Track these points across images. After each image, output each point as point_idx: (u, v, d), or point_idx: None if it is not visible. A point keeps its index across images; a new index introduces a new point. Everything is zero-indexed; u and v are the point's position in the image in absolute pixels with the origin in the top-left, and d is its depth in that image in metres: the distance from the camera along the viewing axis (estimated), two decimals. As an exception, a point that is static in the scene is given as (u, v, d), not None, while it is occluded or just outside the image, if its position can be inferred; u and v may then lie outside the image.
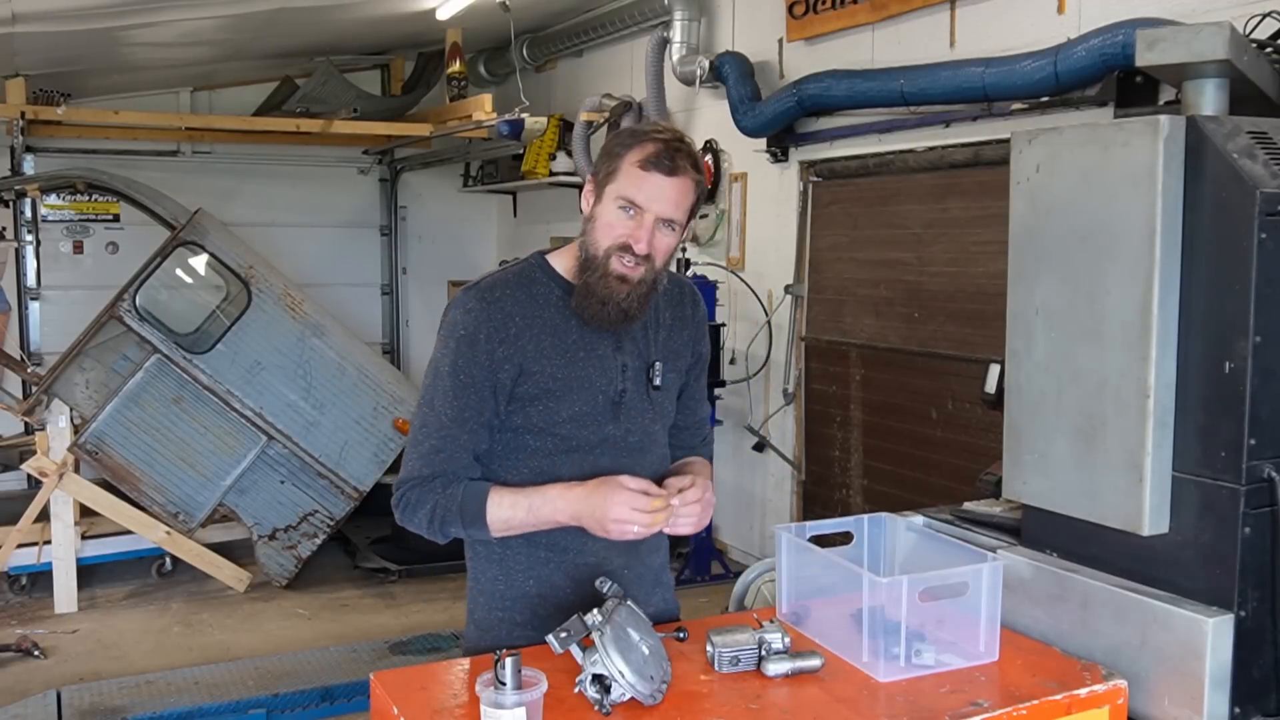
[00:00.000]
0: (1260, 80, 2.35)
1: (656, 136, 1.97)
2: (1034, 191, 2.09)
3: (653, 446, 2.12)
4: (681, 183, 1.96)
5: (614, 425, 2.04)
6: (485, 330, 1.98)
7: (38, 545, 5.72)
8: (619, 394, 2.05)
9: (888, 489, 5.18)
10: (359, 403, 5.97)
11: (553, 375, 2.00)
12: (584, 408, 2.02)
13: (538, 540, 2.05)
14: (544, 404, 2.01)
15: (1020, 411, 2.15)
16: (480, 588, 2.12)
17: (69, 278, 7.74)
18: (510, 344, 1.98)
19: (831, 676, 1.87)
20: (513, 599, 2.08)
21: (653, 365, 2.09)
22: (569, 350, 2.02)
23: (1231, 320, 1.83)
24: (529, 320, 2.00)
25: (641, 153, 1.94)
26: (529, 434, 2.02)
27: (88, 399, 5.70)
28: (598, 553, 2.07)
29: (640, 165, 1.94)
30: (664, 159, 1.93)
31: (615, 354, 2.05)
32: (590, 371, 2.03)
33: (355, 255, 8.78)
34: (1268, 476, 1.84)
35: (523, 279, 2.05)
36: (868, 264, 5.26)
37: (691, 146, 2.01)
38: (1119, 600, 1.96)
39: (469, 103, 6.80)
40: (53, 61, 6.45)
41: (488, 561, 2.10)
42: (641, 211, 1.94)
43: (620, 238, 1.95)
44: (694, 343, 2.20)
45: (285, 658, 4.84)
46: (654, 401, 2.10)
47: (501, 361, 1.98)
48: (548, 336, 2.01)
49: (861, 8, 5.00)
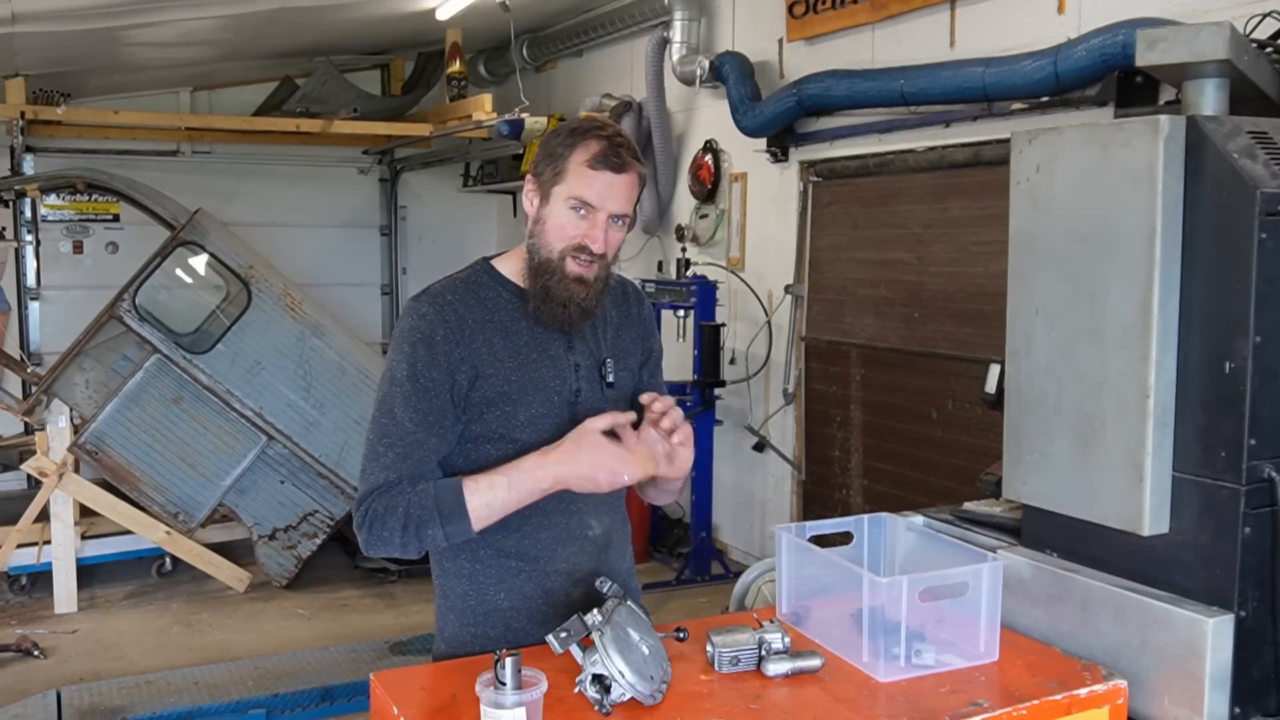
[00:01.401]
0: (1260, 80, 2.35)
1: (599, 134, 1.95)
2: (1034, 191, 2.09)
3: None
4: (629, 178, 1.96)
5: (571, 426, 1.98)
6: (441, 332, 1.95)
7: (38, 545, 5.72)
8: (574, 394, 2.04)
9: (888, 489, 5.18)
10: (359, 403, 5.97)
11: (507, 378, 1.98)
12: (540, 409, 2.00)
13: (507, 550, 2.02)
14: (500, 408, 1.98)
15: (1020, 411, 2.15)
16: (450, 604, 2.08)
17: (69, 278, 7.74)
18: (465, 345, 1.96)
19: (831, 676, 1.87)
20: (484, 613, 2.04)
21: (604, 363, 2.08)
22: (521, 352, 2.00)
23: (1231, 320, 1.83)
24: (481, 324, 1.99)
25: (587, 152, 1.93)
26: (488, 443, 1.99)
27: (88, 399, 5.70)
28: (569, 559, 2.06)
29: (589, 165, 1.92)
30: (610, 156, 1.93)
31: (567, 354, 2.04)
32: (544, 373, 2.01)
33: (355, 255, 8.78)
34: (1268, 476, 1.84)
35: (471, 284, 2.04)
36: (868, 264, 5.26)
37: (627, 139, 2.01)
38: (1119, 600, 1.96)
39: (469, 103, 6.80)
40: (53, 61, 6.45)
41: (456, 577, 2.06)
42: (594, 210, 1.94)
43: (574, 238, 1.95)
44: (643, 340, 2.19)
45: (285, 658, 4.84)
46: (609, 400, 2.07)
47: (459, 363, 1.95)
48: (500, 339, 1.99)
49: (861, 8, 5.00)
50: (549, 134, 2.03)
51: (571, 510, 2.04)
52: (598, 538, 2.10)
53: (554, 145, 1.97)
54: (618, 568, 2.15)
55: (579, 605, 1.96)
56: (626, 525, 2.21)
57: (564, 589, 2.03)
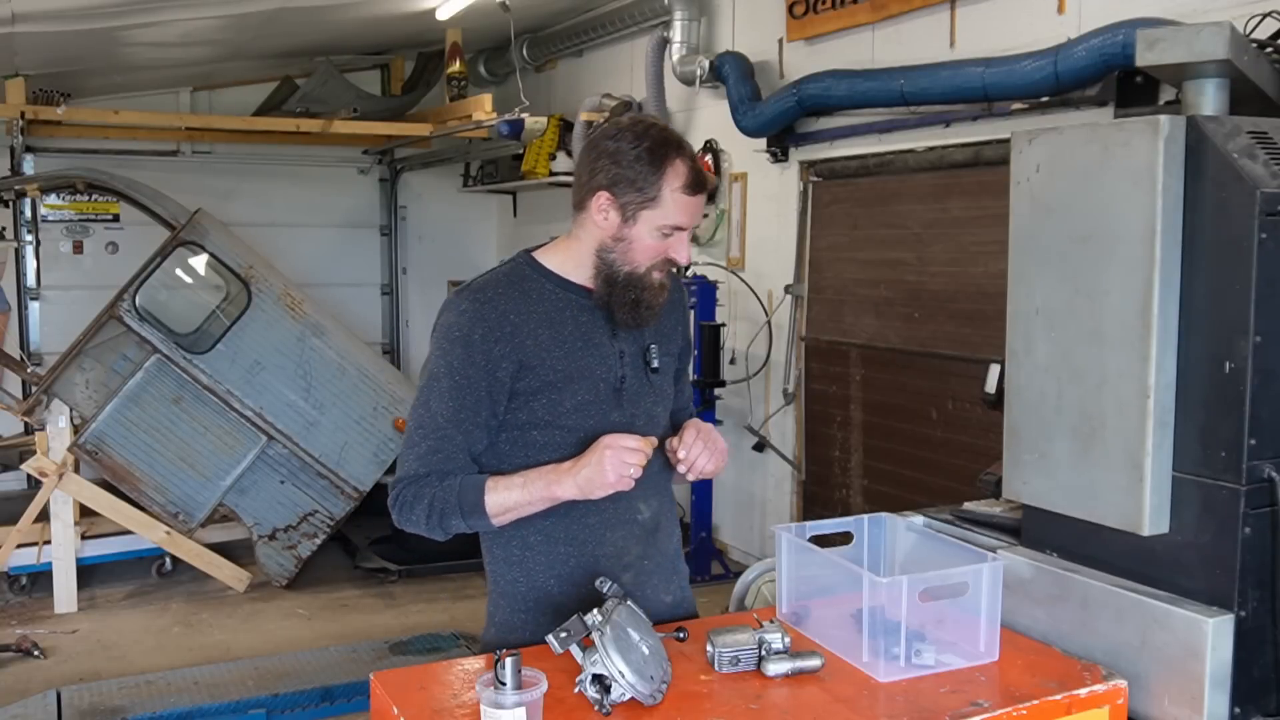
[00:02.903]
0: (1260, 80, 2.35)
1: (680, 154, 2.00)
2: (1034, 191, 2.09)
3: (656, 429, 2.14)
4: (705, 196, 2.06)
5: (618, 412, 2.07)
6: (480, 330, 1.99)
7: (38, 545, 5.72)
8: (619, 380, 2.08)
9: (888, 489, 5.18)
10: (359, 403, 5.97)
11: (553, 367, 2.02)
12: (587, 396, 2.05)
13: (556, 535, 2.07)
14: (547, 396, 2.03)
15: (1020, 411, 2.15)
16: (500, 590, 2.13)
17: (69, 278, 7.74)
18: (506, 341, 2.00)
19: (831, 676, 1.87)
20: (535, 600, 2.08)
21: (648, 348, 2.13)
22: (567, 342, 2.05)
23: (1231, 320, 1.83)
24: (524, 316, 2.02)
25: (678, 178, 1.99)
26: (535, 429, 2.04)
27: (88, 399, 5.70)
28: (615, 543, 2.11)
29: (683, 191, 1.99)
30: (697, 179, 2.01)
31: (612, 342, 2.08)
32: (590, 361, 2.06)
33: (355, 255, 8.78)
34: (1268, 476, 1.84)
35: (514, 277, 2.08)
36: (868, 264, 5.26)
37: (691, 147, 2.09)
38: (1119, 600, 1.96)
39: (469, 103, 6.80)
40: (53, 61, 6.45)
41: (507, 564, 2.11)
42: (683, 230, 2.02)
43: (661, 255, 2.03)
44: (682, 325, 2.27)
45: (285, 658, 4.84)
46: (653, 385, 2.14)
47: (499, 359, 1.99)
48: (545, 330, 2.03)
49: (861, 8, 5.00)
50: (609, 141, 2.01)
51: (619, 494, 2.05)
52: (646, 521, 2.15)
53: (637, 168, 1.98)
54: (666, 550, 2.21)
55: (628, 588, 2.04)
56: (674, 508, 2.27)
57: (613, 572, 2.06)
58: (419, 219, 9.02)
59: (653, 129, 2.03)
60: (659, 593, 2.18)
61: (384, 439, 5.98)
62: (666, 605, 2.17)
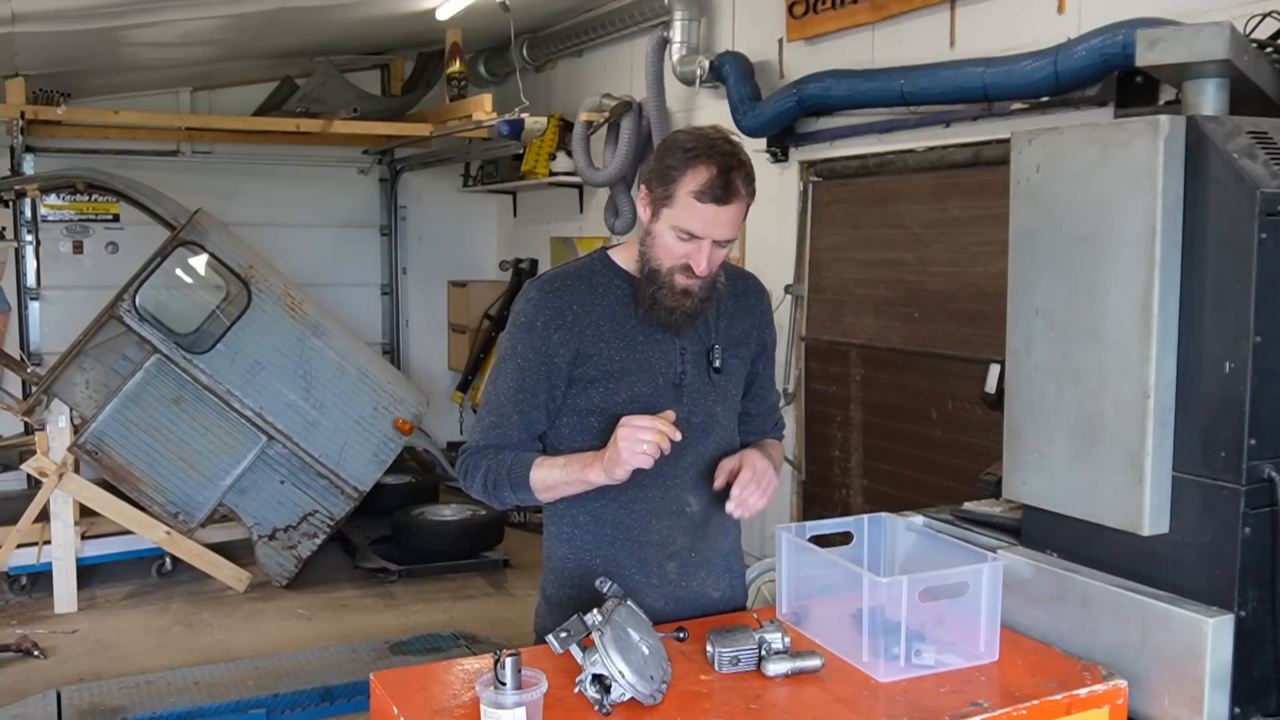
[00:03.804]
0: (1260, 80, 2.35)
1: (710, 159, 1.97)
2: (1034, 191, 2.09)
3: (715, 428, 2.18)
4: (735, 209, 2.00)
5: (677, 407, 2.09)
6: (543, 317, 2.09)
7: (38, 545, 5.72)
8: (679, 376, 2.13)
9: (888, 489, 5.18)
10: (359, 403, 5.97)
11: (610, 358, 2.09)
12: (644, 389, 2.10)
13: (604, 518, 2.14)
14: (603, 385, 2.10)
15: (1020, 411, 2.15)
16: (551, 566, 2.23)
17: (69, 278, 7.73)
18: (566, 329, 2.08)
19: (831, 676, 1.87)
20: (580, 577, 2.16)
21: (712, 349, 2.16)
22: (628, 334, 2.11)
23: (1231, 320, 1.83)
24: (587, 308, 2.11)
25: (696, 181, 1.97)
26: (592, 415, 2.11)
27: (88, 399, 5.70)
28: (662, 531, 2.15)
29: (695, 197, 1.97)
30: (718, 188, 1.96)
31: (674, 338, 2.13)
32: (649, 355, 2.11)
33: (355, 255, 8.78)
34: (1268, 476, 1.84)
35: (584, 271, 2.17)
36: (868, 264, 5.25)
37: (745, 159, 2.02)
38: (1119, 600, 1.96)
39: (469, 103, 6.79)
40: (53, 61, 6.45)
41: (558, 540, 2.21)
42: (699, 239, 2.01)
43: (680, 258, 2.03)
44: (759, 330, 2.27)
45: (285, 658, 4.83)
46: (715, 384, 2.17)
47: (557, 346, 2.08)
48: (607, 322, 2.10)
49: (861, 8, 5.00)
50: (668, 140, 2.06)
51: (668, 485, 2.13)
52: (695, 515, 2.17)
53: (669, 161, 2.01)
54: (718, 545, 2.24)
55: (672, 578, 2.12)
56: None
57: (657, 560, 2.13)
58: (419, 219, 9.02)
59: (706, 136, 2.02)
60: (707, 587, 2.20)
61: (384, 439, 5.98)
62: (714, 600, 2.21)
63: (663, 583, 2.13)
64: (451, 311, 8.89)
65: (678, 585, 2.16)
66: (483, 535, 6.37)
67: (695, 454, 2.15)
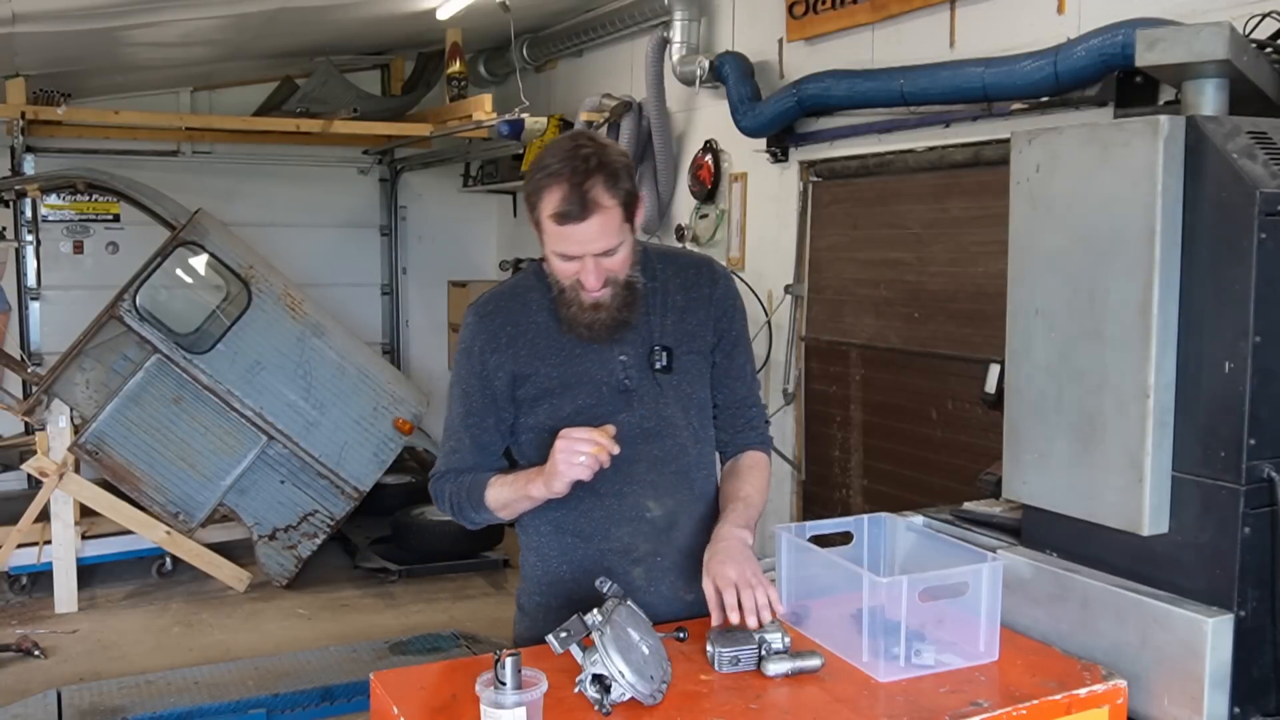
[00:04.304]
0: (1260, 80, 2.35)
1: (556, 181, 1.89)
2: (1034, 191, 2.09)
3: (669, 430, 2.14)
4: (598, 221, 1.91)
5: (627, 413, 2.09)
6: (479, 342, 2.11)
7: (38, 545, 5.72)
8: (623, 383, 2.10)
9: (888, 489, 5.18)
10: (359, 403, 5.97)
11: (549, 375, 2.09)
12: (588, 400, 2.09)
13: (565, 528, 2.14)
14: (548, 403, 2.09)
15: (1020, 411, 2.15)
16: (524, 575, 2.26)
17: (69, 278, 7.73)
18: (501, 352, 2.09)
19: (831, 676, 1.87)
20: (548, 584, 2.18)
21: (653, 350, 2.11)
22: (564, 349, 2.09)
23: (1231, 320, 1.83)
24: (522, 328, 2.10)
25: (551, 204, 1.91)
26: (545, 432, 2.09)
27: (88, 399, 5.70)
28: (622, 539, 2.13)
29: (554, 220, 1.91)
30: (573, 207, 1.89)
31: (613, 346, 2.09)
32: (589, 366, 2.09)
33: (355, 255, 8.77)
34: (1268, 476, 1.84)
35: (519, 289, 2.15)
36: (868, 264, 5.25)
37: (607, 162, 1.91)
38: (1119, 600, 1.96)
39: (469, 103, 6.79)
40: (53, 61, 6.45)
41: (528, 550, 2.23)
42: (578, 258, 1.96)
43: (573, 276, 2.00)
44: (716, 321, 2.18)
45: (285, 658, 4.83)
46: (663, 386, 2.12)
47: (495, 369, 2.09)
48: (543, 340, 2.09)
49: (861, 8, 5.00)
50: (534, 159, 1.99)
51: (625, 492, 2.11)
52: (656, 519, 2.14)
53: (528, 187, 1.97)
54: (686, 548, 2.18)
55: (639, 584, 2.10)
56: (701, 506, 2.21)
57: (621, 567, 2.11)
58: (419, 219, 9.01)
59: (562, 150, 1.93)
60: (678, 590, 2.17)
61: (384, 439, 5.98)
62: (687, 603, 2.16)
63: (630, 589, 2.04)
64: (451, 311, 8.89)
65: (646, 591, 2.12)
66: (483, 535, 6.36)
67: (650, 459, 2.11)
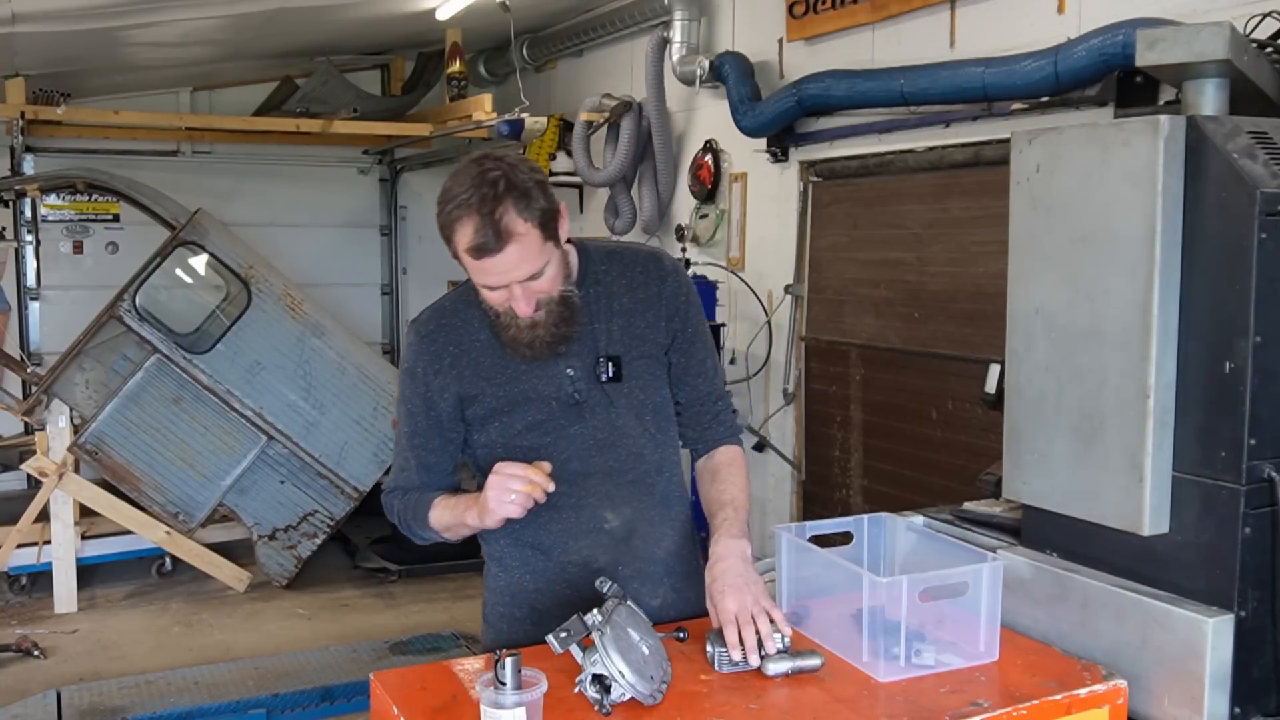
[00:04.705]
0: (1260, 80, 2.35)
1: (465, 209, 1.83)
2: (1034, 191, 2.09)
3: (621, 440, 2.10)
4: (515, 249, 1.85)
5: (579, 425, 2.06)
6: (422, 363, 2.08)
7: (38, 545, 5.72)
8: (572, 396, 2.06)
9: (888, 489, 5.18)
10: (359, 403, 5.97)
11: (495, 395, 2.05)
12: (537, 416, 2.05)
13: (524, 540, 2.12)
14: (498, 421, 2.07)
15: (1020, 411, 2.15)
16: (488, 585, 2.22)
17: (69, 278, 7.73)
18: (445, 374, 2.05)
19: (831, 676, 1.87)
20: (511, 594, 2.16)
21: (599, 361, 2.05)
22: (509, 368, 2.04)
23: (1231, 320, 1.83)
24: (465, 347, 2.06)
25: (464, 239, 1.85)
26: (498, 448, 2.07)
27: (88, 399, 5.70)
28: (581, 551, 2.10)
29: (471, 255, 1.86)
30: (485, 240, 1.83)
31: (558, 360, 2.04)
32: (535, 383, 2.05)
33: (355, 255, 8.78)
34: (1268, 476, 1.84)
35: (459, 305, 2.10)
36: (868, 264, 5.25)
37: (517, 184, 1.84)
38: (1119, 600, 1.96)
39: (469, 103, 6.80)
40: (53, 61, 6.45)
41: (491, 560, 2.20)
42: (501, 287, 1.92)
43: (502, 304, 1.95)
44: (668, 320, 2.11)
45: (285, 658, 4.84)
46: (612, 395, 2.07)
47: (440, 391, 2.06)
48: (487, 358, 2.05)
49: (861, 8, 5.00)
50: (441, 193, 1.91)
51: (582, 505, 2.08)
52: (615, 530, 2.12)
53: (440, 221, 1.90)
54: (648, 555, 2.17)
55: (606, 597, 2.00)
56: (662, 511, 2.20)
57: (584, 578, 2.06)
58: (419, 219, 9.01)
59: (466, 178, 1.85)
60: (643, 597, 2.10)
61: (384, 439, 5.98)
62: (654, 609, 2.09)
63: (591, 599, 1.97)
64: (451, 311, 8.88)
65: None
66: (483, 535, 6.36)
67: (605, 470, 2.08)
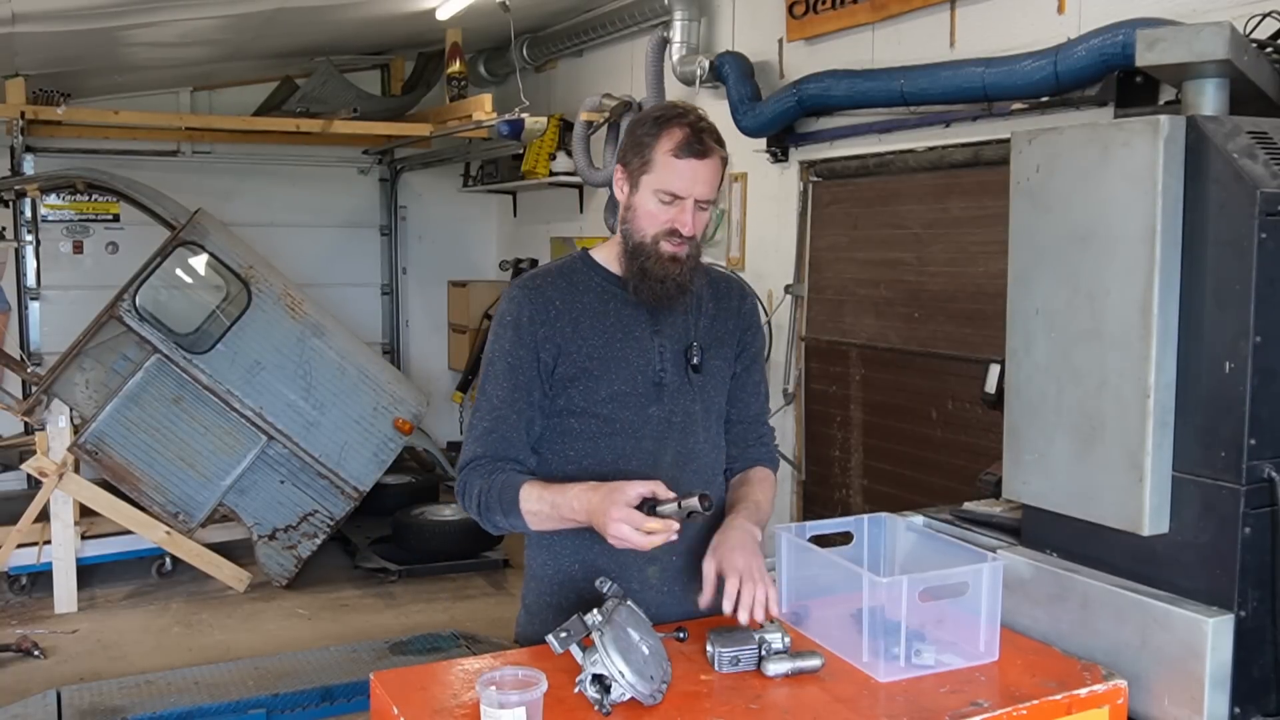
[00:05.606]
0: (1260, 80, 2.35)
1: (682, 121, 2.04)
2: (1034, 191, 2.09)
3: (695, 428, 2.16)
4: (712, 163, 2.05)
5: (657, 406, 2.11)
6: (527, 313, 2.10)
7: (38, 545, 5.72)
8: (658, 374, 2.12)
9: (888, 489, 5.18)
10: (359, 403, 5.97)
11: (589, 355, 2.09)
12: (623, 387, 2.10)
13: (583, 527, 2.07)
14: (583, 384, 2.09)
15: (1020, 411, 2.15)
16: (532, 573, 2.22)
17: (69, 278, 7.73)
18: (550, 325, 2.09)
19: (831, 676, 1.87)
20: (560, 583, 2.15)
21: (690, 346, 2.15)
22: (607, 331, 2.11)
23: (1231, 320, 1.83)
24: (568, 304, 2.11)
25: (671, 141, 2.02)
26: (572, 417, 2.10)
27: (88, 399, 5.70)
28: None
29: (674, 154, 2.02)
30: (694, 143, 2.02)
31: (653, 336, 2.13)
32: (628, 351, 2.11)
33: (355, 255, 8.78)
34: (1268, 476, 1.84)
35: (565, 270, 2.18)
36: (868, 264, 5.25)
37: (712, 124, 2.08)
38: (1119, 600, 1.96)
39: (469, 103, 6.79)
40: (53, 61, 6.45)
41: (538, 548, 2.19)
42: (681, 199, 2.04)
43: (665, 224, 2.05)
44: (741, 333, 2.26)
45: (285, 658, 4.83)
46: (694, 384, 2.15)
47: (543, 341, 2.09)
48: (586, 319, 2.11)
49: (861, 8, 5.00)
50: (634, 121, 2.12)
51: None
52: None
53: (640, 134, 2.07)
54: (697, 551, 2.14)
55: (653, 583, 2.10)
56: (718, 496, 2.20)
57: (637, 565, 2.10)
58: (419, 219, 9.02)
59: (671, 104, 2.11)
60: (690, 591, 2.12)
61: (384, 439, 5.98)
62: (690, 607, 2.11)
63: (644, 588, 2.08)
64: (451, 311, 8.90)
65: (659, 591, 2.12)
66: (483, 535, 6.36)
67: (675, 454, 2.12)
